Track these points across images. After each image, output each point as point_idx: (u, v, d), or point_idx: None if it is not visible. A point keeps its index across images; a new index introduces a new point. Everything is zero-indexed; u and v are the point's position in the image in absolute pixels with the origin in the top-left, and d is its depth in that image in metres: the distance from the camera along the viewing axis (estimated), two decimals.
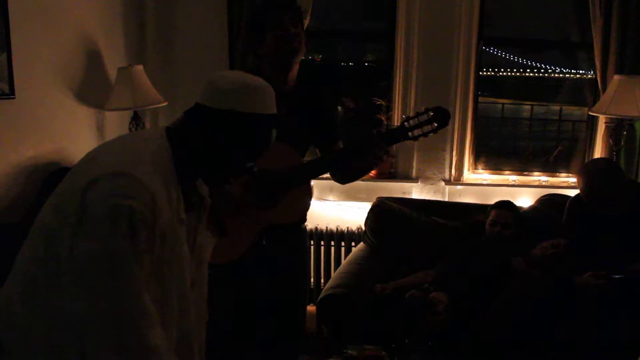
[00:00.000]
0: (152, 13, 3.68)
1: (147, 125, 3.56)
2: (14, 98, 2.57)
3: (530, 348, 2.59)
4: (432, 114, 2.14)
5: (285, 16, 2.14)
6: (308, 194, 2.30)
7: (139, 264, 1.19)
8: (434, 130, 2.15)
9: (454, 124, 3.73)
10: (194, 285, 1.48)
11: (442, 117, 2.15)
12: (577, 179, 2.94)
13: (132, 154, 1.28)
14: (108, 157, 1.29)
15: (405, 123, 2.16)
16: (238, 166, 1.40)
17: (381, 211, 3.43)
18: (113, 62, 3.32)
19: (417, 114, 2.15)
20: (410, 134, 2.15)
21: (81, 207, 1.18)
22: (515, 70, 7.08)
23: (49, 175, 2.66)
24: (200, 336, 1.55)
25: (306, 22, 3.45)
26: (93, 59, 3.21)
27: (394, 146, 2.27)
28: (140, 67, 3.24)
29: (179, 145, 1.34)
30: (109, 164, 1.24)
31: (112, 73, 3.28)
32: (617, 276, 2.62)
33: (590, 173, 2.83)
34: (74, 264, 1.18)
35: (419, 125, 2.15)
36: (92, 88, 3.18)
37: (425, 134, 2.16)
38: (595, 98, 3.65)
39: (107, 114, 3.31)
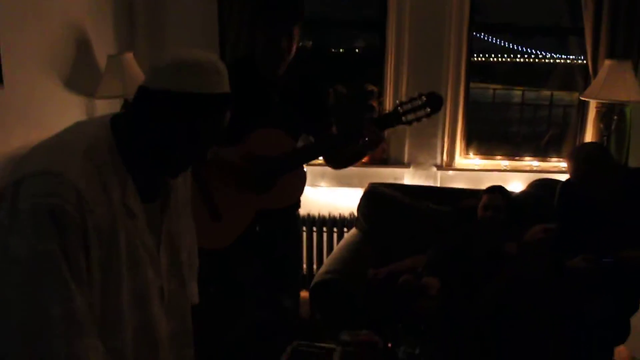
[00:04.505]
0: (141, 1, 3.64)
1: None
2: (2, 87, 2.54)
3: (521, 331, 2.61)
4: (425, 99, 2.16)
5: (281, 27, 2.10)
6: (302, 179, 2.31)
7: (70, 265, 1.14)
8: (427, 115, 2.18)
9: (445, 109, 3.73)
10: (171, 275, 1.43)
11: (435, 102, 2.17)
12: (567, 163, 2.95)
13: (62, 148, 1.22)
14: (37, 153, 1.23)
15: (399, 108, 2.17)
16: (186, 153, 1.29)
17: (373, 197, 3.44)
18: (103, 49, 3.30)
19: (411, 99, 2.18)
20: (403, 118, 2.17)
21: (12, 207, 1.14)
22: (506, 55, 7.09)
23: None
24: (182, 323, 1.51)
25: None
26: (82, 46, 3.18)
27: (387, 131, 2.28)
28: (130, 55, 3.22)
29: (122, 134, 1.27)
30: (35, 161, 1.19)
31: (102, 61, 3.25)
32: (606, 260, 2.64)
33: (579, 157, 2.84)
34: (3, 264, 1.13)
35: (413, 110, 2.17)
36: (81, 76, 3.15)
37: (418, 119, 2.18)
38: (586, 83, 3.66)
39: (98, 102, 3.28)
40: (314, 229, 3.84)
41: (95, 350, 1.18)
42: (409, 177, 3.80)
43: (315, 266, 3.85)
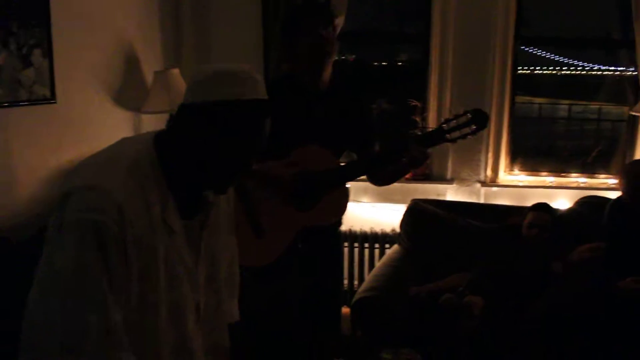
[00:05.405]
0: (188, 18, 3.72)
1: None
2: (55, 103, 2.62)
3: (566, 353, 2.54)
4: (470, 116, 2.14)
5: (317, 22, 2.14)
6: (345, 197, 2.30)
7: (111, 280, 1.16)
8: (473, 133, 2.15)
9: (489, 124, 3.68)
10: (208, 291, 1.44)
11: (480, 120, 2.14)
12: (620, 180, 2.87)
13: (106, 164, 1.25)
14: (83, 168, 1.26)
15: (444, 125, 2.16)
16: (229, 164, 1.29)
17: (416, 213, 3.41)
18: (150, 65, 3.37)
19: (456, 117, 2.16)
20: (448, 136, 2.16)
21: (59, 220, 1.17)
22: (552, 67, 6.95)
23: None
24: (219, 339, 1.51)
25: (341, 22, 3.44)
26: (131, 62, 3.26)
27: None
28: (176, 71, 3.28)
29: (165, 150, 1.28)
30: (81, 176, 1.22)
31: (149, 76, 3.33)
32: None
33: (633, 173, 2.75)
34: (46, 276, 1.16)
35: (458, 128, 2.15)
36: (129, 92, 3.23)
37: (463, 137, 2.16)
38: (637, 96, 3.56)
39: (144, 117, 3.36)
40: (356, 244, 3.81)
41: None
42: (452, 193, 3.75)
43: (356, 282, 3.82)
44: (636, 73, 3.51)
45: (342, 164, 2.33)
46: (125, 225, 1.18)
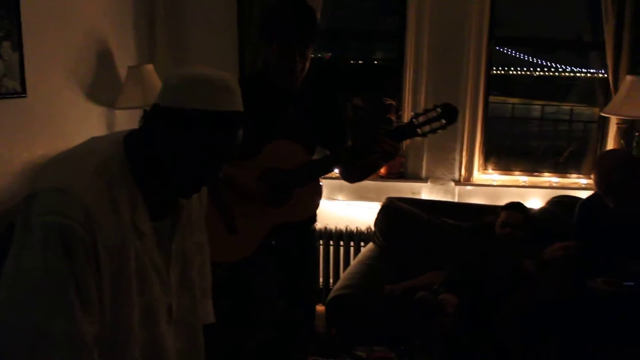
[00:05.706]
0: (162, 13, 3.68)
1: None
2: (25, 97, 2.58)
3: (539, 351, 2.57)
4: (440, 110, 2.16)
5: (295, 40, 2.09)
6: (317, 192, 2.30)
7: (79, 287, 1.14)
8: (443, 127, 2.18)
9: (464, 123, 3.72)
10: (181, 293, 1.42)
11: (450, 114, 2.17)
12: (593, 172, 2.87)
13: (73, 165, 1.22)
14: (50, 169, 1.24)
15: (414, 119, 2.17)
16: (197, 171, 1.27)
17: (391, 211, 3.43)
18: (123, 61, 3.34)
19: (426, 111, 2.18)
20: (418, 130, 2.17)
21: (25, 222, 1.15)
22: (526, 69, 7.04)
23: None
24: (192, 340, 1.49)
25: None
26: (104, 58, 3.22)
27: (404, 146, 2.28)
28: (150, 66, 3.25)
29: (134, 151, 1.26)
30: (47, 177, 1.20)
31: (123, 72, 3.29)
32: (628, 283, 2.59)
33: (609, 164, 2.77)
34: (13, 279, 1.15)
35: (428, 122, 2.16)
36: (102, 87, 3.19)
37: (433, 131, 2.17)
38: (607, 98, 3.62)
39: (118, 112, 3.32)
40: (331, 242, 3.82)
41: None
42: (426, 191, 3.78)
43: (331, 280, 3.83)
44: (606, 75, 3.56)
45: (315, 159, 2.33)
46: (94, 227, 1.16)
